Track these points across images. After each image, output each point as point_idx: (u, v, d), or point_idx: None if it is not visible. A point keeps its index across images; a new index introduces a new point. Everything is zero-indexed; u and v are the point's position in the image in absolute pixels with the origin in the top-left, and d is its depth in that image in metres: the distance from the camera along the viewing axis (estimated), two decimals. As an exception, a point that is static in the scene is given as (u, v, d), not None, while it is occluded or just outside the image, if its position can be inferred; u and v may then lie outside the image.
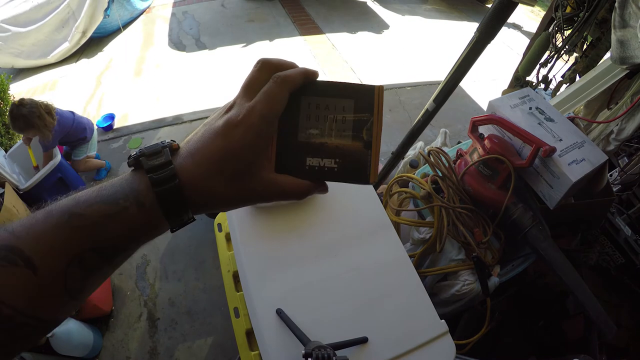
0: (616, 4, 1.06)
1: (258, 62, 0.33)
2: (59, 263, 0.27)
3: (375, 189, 1.57)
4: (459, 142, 1.58)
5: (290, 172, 0.35)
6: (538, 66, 1.56)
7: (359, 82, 0.37)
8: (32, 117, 1.81)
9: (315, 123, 0.35)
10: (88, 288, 0.30)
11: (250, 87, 0.32)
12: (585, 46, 1.50)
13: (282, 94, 0.32)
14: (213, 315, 1.72)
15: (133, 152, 0.31)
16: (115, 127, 2.72)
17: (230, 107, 0.32)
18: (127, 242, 0.30)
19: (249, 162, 0.31)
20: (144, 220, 0.29)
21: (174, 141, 0.32)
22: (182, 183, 0.29)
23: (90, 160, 2.26)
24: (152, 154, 0.30)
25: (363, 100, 0.35)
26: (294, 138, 0.35)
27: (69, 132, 2.06)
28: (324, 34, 3.97)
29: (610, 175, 1.41)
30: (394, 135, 2.74)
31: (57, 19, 3.21)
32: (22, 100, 1.84)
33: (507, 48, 3.94)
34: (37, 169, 1.98)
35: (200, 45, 3.70)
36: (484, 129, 1.12)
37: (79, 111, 2.90)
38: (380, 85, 0.35)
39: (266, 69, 0.32)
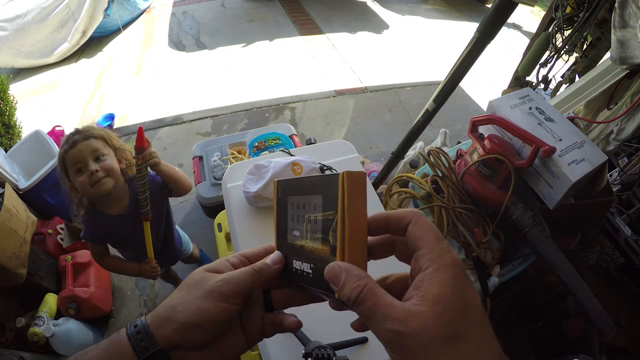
0: (616, 4, 1.06)
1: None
2: None
3: (375, 189, 1.57)
4: (458, 142, 1.58)
5: (287, 277, 0.35)
6: (538, 66, 1.55)
7: (328, 172, 0.31)
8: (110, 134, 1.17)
9: (296, 224, 0.33)
10: None
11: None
12: (585, 46, 1.50)
13: (253, 280, 0.34)
14: (213, 315, 1.72)
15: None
16: (115, 127, 2.72)
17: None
18: None
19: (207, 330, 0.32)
20: None
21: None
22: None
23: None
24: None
25: (329, 195, 0.29)
26: (285, 240, 0.35)
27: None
28: (324, 33, 3.98)
29: (610, 175, 1.41)
30: (394, 136, 2.75)
31: (57, 19, 3.22)
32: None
33: (507, 48, 3.94)
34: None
35: (200, 45, 3.70)
36: (484, 129, 1.11)
37: (79, 111, 2.92)
38: (346, 172, 0.28)
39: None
